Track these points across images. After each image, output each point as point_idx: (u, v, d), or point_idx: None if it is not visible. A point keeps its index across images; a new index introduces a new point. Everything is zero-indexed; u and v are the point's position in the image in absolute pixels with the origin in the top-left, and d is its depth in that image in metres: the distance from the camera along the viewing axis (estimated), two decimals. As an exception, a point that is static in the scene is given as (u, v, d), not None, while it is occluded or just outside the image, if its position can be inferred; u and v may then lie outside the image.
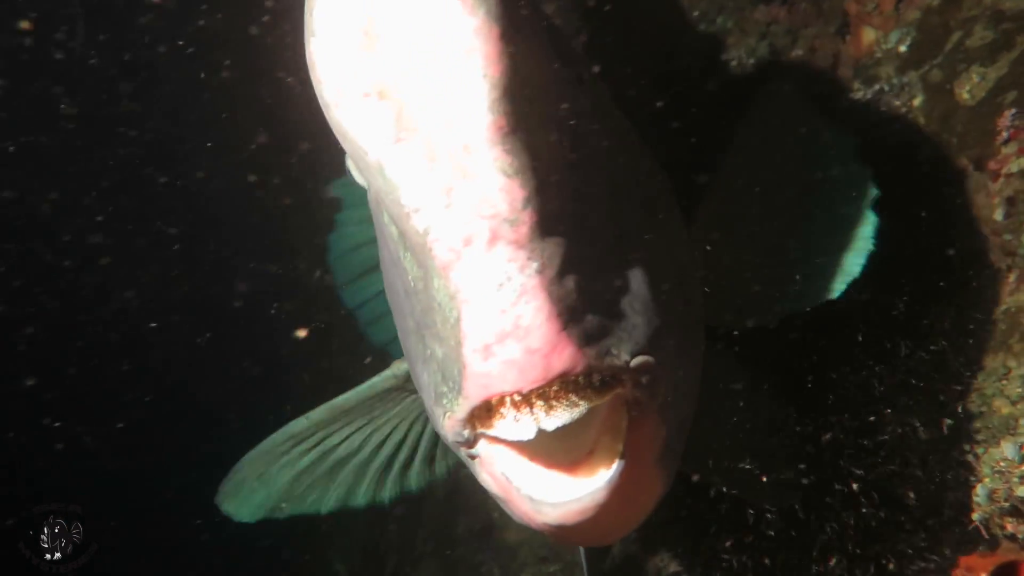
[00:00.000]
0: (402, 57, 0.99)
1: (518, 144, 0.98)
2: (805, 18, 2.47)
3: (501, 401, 1.02)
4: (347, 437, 1.93)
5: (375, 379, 1.84)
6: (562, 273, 1.00)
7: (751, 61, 2.58)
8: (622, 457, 1.05)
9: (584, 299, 1.01)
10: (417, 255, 1.06)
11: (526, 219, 0.99)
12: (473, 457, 1.14)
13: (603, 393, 1.03)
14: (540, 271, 0.98)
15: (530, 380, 0.98)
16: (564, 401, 1.01)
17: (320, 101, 1.05)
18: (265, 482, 2.01)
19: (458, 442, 1.11)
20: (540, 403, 1.01)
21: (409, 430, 1.93)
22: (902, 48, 2.12)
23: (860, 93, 2.21)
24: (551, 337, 0.97)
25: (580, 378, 1.01)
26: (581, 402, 1.01)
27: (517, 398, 1.01)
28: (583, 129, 1.11)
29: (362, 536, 5.05)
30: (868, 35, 2.23)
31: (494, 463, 1.11)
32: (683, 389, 1.18)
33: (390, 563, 4.76)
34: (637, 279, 1.09)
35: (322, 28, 1.01)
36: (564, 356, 0.98)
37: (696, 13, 2.78)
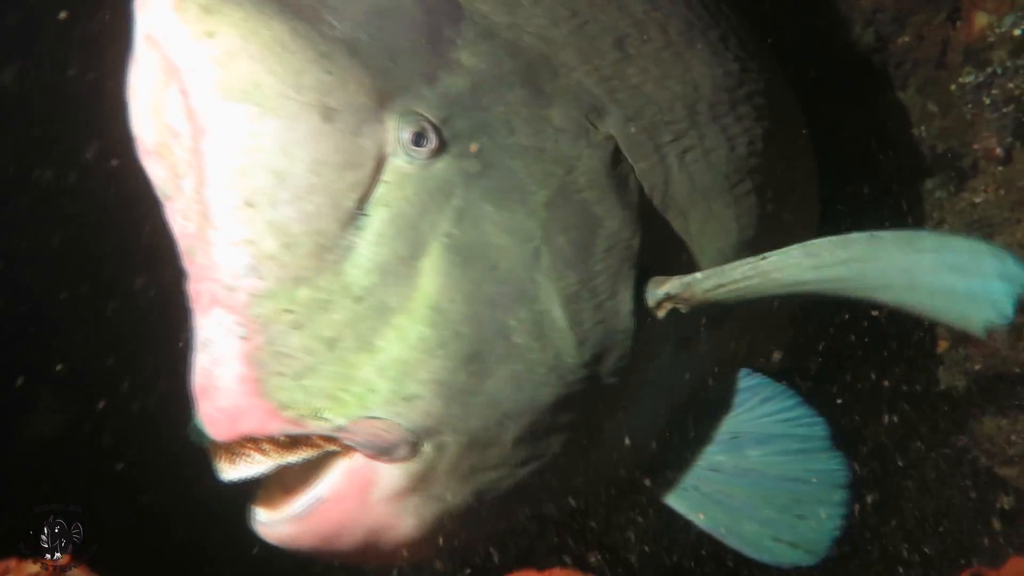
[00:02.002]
0: (173, 125, 1.06)
1: (254, 216, 1.03)
2: (913, 6, 2.50)
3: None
4: None
5: None
6: (276, 340, 1.05)
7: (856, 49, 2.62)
8: (321, 494, 1.11)
9: (300, 364, 1.05)
10: None
11: (245, 287, 1.04)
12: None
13: (298, 450, 1.09)
14: (246, 337, 1.04)
15: (218, 435, 1.08)
16: (245, 457, 1.09)
17: None
18: None
19: None
20: (224, 454, 1.11)
21: None
22: (1016, 32, 2.15)
23: (971, 76, 2.24)
24: (238, 401, 1.04)
25: (273, 438, 1.08)
26: (263, 460, 1.09)
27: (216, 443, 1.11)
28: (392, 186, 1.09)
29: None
30: (981, 20, 2.25)
31: None
32: (468, 444, 1.13)
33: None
34: (408, 339, 1.07)
35: (129, 90, 1.11)
36: (250, 420, 1.05)
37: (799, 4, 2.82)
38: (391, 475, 1.09)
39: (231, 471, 1.11)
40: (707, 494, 1.52)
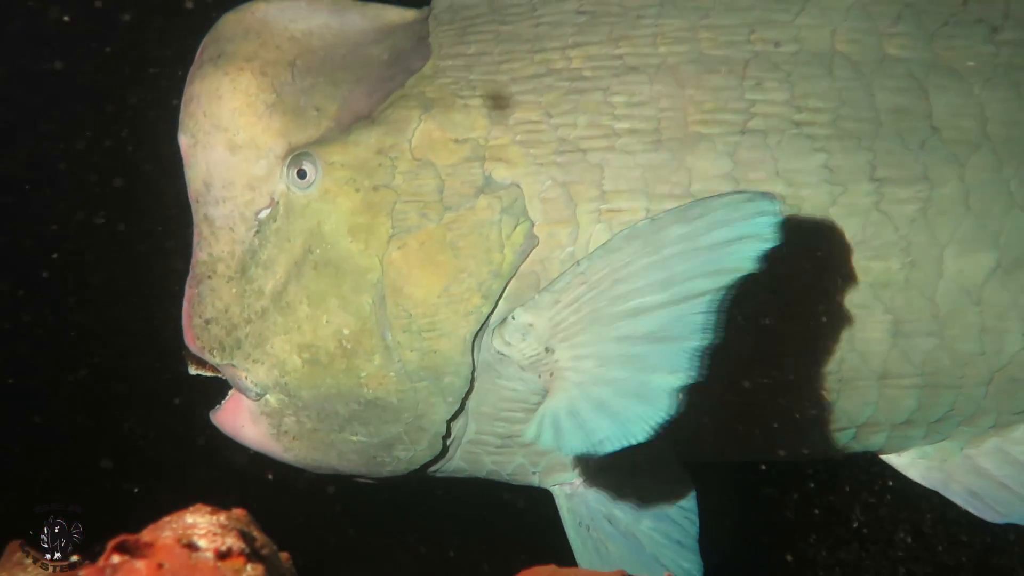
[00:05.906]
0: None
1: (198, 209, 1.48)
2: None
3: None
4: None
5: None
6: (201, 294, 1.49)
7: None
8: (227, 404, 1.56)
9: (208, 314, 1.48)
10: None
11: (196, 253, 1.49)
12: None
13: (209, 369, 1.55)
14: (191, 286, 1.49)
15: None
16: (192, 362, 1.56)
17: None
18: None
19: None
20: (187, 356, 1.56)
21: None
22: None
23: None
24: (184, 322, 1.50)
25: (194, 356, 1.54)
26: (193, 369, 1.57)
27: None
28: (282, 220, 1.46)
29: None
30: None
31: None
32: (303, 407, 1.50)
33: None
34: (266, 319, 1.47)
35: None
36: (186, 338, 1.50)
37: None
38: (250, 405, 1.52)
39: (191, 368, 1.59)
40: (593, 537, 1.72)
